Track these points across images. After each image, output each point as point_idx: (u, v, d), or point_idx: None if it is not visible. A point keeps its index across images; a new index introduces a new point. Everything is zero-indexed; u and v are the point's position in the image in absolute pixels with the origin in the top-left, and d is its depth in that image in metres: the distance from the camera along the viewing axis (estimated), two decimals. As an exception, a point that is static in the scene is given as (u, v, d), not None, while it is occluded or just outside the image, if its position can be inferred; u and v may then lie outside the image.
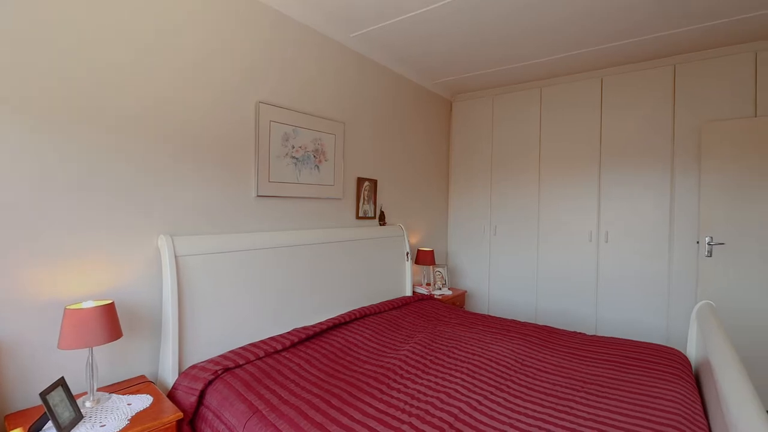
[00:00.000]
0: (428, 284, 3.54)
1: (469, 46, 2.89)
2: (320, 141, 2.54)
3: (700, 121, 2.89)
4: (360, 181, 2.89)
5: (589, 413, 1.36)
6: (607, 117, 3.27)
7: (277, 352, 1.87)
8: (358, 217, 2.87)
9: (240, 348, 1.87)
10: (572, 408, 1.40)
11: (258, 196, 2.18)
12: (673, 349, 1.97)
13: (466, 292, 3.73)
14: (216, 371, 1.64)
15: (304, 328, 2.10)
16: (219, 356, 1.79)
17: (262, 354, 1.81)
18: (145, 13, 1.70)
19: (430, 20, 2.49)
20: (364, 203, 2.92)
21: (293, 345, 1.94)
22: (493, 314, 3.78)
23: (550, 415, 1.35)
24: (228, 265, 1.96)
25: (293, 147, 2.37)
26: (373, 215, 3.01)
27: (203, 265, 1.86)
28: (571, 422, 1.31)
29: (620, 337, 3.07)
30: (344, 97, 2.76)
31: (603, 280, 3.25)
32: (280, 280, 2.19)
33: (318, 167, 2.54)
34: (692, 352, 1.98)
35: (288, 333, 2.04)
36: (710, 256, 2.76)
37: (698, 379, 1.79)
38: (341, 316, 2.31)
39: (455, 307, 2.85)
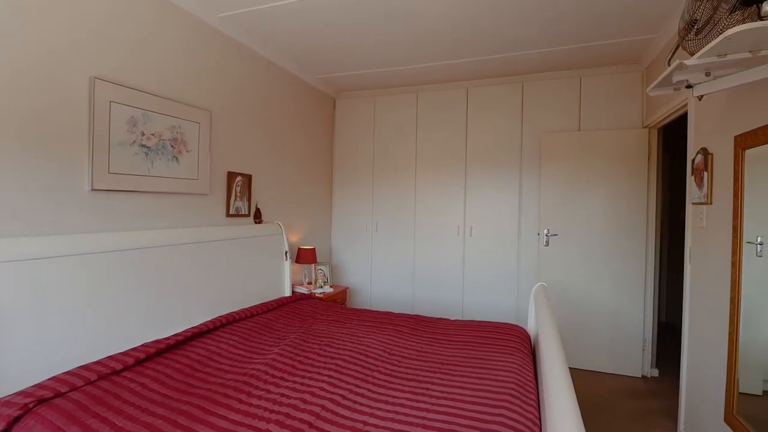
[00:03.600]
0: (309, 283, 3.47)
1: (349, 45, 2.91)
2: (180, 129, 2.27)
3: (540, 131, 3.41)
4: (231, 175, 2.67)
5: (442, 392, 1.47)
6: (471, 124, 3.64)
7: (116, 372, 1.60)
8: (229, 215, 2.65)
9: (65, 373, 1.54)
10: (429, 389, 1.50)
11: (93, 190, 1.83)
12: (517, 325, 2.27)
13: (348, 288, 3.76)
14: (26, 405, 1.32)
15: (156, 341, 1.84)
16: (34, 386, 1.45)
17: (94, 377, 1.52)
18: None
19: (306, 12, 2.42)
20: (236, 200, 2.71)
21: (138, 362, 1.68)
22: (374, 308, 3.88)
23: (409, 399, 1.42)
24: (53, 274, 1.60)
25: (143, 134, 2.06)
26: (247, 213, 2.82)
27: (15, 274, 1.49)
28: (426, 402, 1.40)
29: (481, 318, 3.45)
30: (211, 84, 2.52)
31: (468, 269, 3.61)
32: (127, 288, 1.88)
33: (177, 159, 2.26)
34: (531, 326, 2.31)
35: (133, 349, 1.76)
36: (548, 245, 3.27)
37: (536, 348, 2.10)
38: (205, 323, 2.10)
39: (334, 304, 2.84)
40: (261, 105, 3.00)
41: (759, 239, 1.56)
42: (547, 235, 3.27)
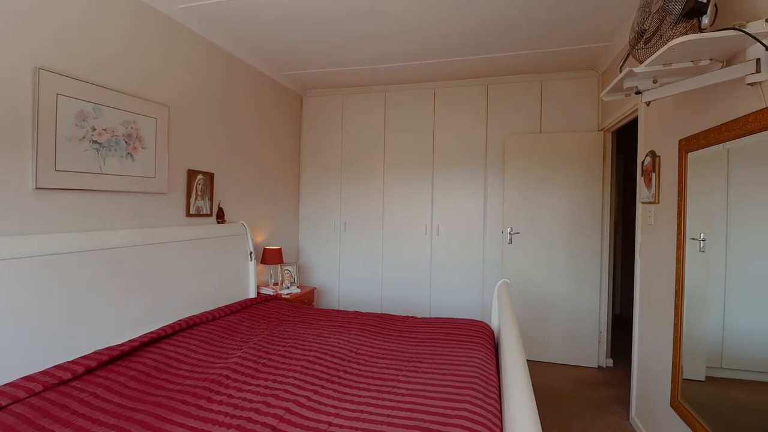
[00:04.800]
0: (276, 284, 3.40)
1: (313, 42, 2.87)
2: (135, 125, 2.16)
3: (504, 133, 3.51)
4: (192, 173, 2.57)
5: (407, 389, 1.48)
6: (438, 124, 3.69)
7: (64, 382, 1.50)
8: (189, 215, 2.55)
9: (6, 385, 1.44)
10: (394, 387, 1.51)
11: (38, 188, 1.71)
12: (481, 321, 2.33)
13: (315, 288, 3.72)
14: (-43, 422, 1.22)
15: (109, 348, 1.75)
16: (-33, 401, 1.33)
17: (39, 388, 1.43)
18: None
19: (267, 6, 2.36)
20: (197, 199, 2.61)
21: (89, 371, 1.59)
22: (343, 308, 3.86)
23: (374, 397, 1.42)
24: (-14, 279, 1.48)
25: (94, 129, 1.95)
26: (209, 212, 2.72)
27: (-61, 280, 1.36)
28: (391, 399, 1.41)
29: (448, 316, 3.50)
30: (170, 78, 2.41)
31: (435, 267, 3.67)
32: (78, 292, 1.77)
33: (132, 156, 2.15)
34: (495, 321, 2.38)
35: (83, 357, 1.66)
36: (511, 243, 3.38)
37: (499, 342, 2.16)
38: (163, 328, 2.01)
39: (301, 305, 2.80)
40: (223, 101, 2.90)
41: (702, 236, 1.68)
42: (510, 234, 3.37)
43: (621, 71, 1.68)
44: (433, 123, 3.70)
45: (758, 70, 1.31)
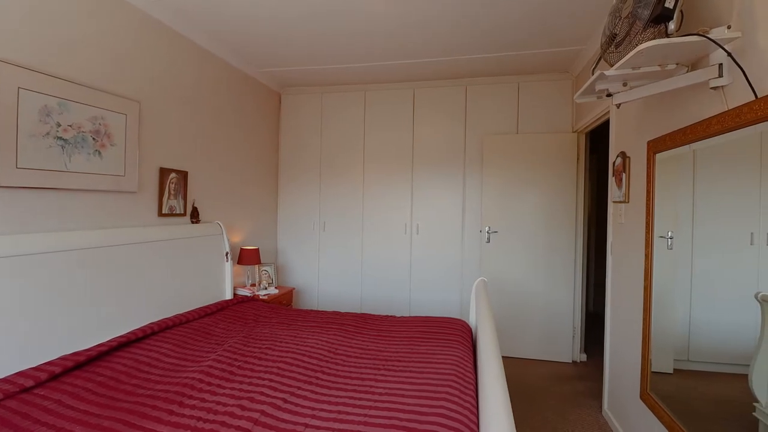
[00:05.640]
0: (253, 285, 3.34)
1: (293, 38, 2.83)
2: (103, 120, 2.08)
3: (482, 133, 3.55)
4: (164, 172, 2.50)
5: (385, 388, 1.48)
6: (418, 124, 3.70)
7: (27, 390, 1.43)
8: (161, 215, 2.47)
9: (-40, 395, 1.36)
10: (372, 386, 1.50)
11: (-4, 186, 1.62)
12: (459, 319, 2.35)
13: (294, 289, 3.68)
14: None
15: (75, 353, 1.68)
16: None
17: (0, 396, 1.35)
18: None
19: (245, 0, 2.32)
20: (169, 198, 2.54)
21: (54, 377, 1.52)
22: (322, 309, 3.83)
23: (351, 397, 1.41)
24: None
25: (59, 125, 1.86)
26: (182, 212, 2.65)
27: None
28: (369, 399, 1.40)
29: (427, 314, 3.52)
30: (142, 73, 2.33)
31: (415, 266, 3.68)
32: (43, 296, 1.68)
33: (100, 153, 2.07)
34: (473, 319, 2.40)
35: (47, 363, 1.59)
36: (489, 242, 3.43)
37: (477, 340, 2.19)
38: (134, 332, 1.94)
39: (279, 306, 2.76)
40: (198, 97, 2.83)
41: (670, 234, 1.74)
42: (488, 232, 3.42)
43: (593, 74, 1.73)
44: (412, 123, 3.71)
45: (720, 75, 1.37)
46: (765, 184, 1.23)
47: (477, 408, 1.36)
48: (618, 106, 1.88)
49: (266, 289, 3.29)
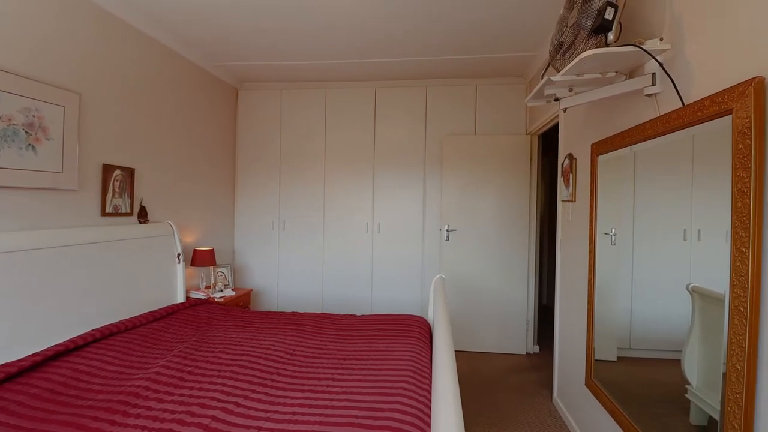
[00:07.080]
0: (208, 287, 3.22)
1: (251, 32, 2.74)
2: (37, 112, 1.92)
3: (442, 134, 3.63)
4: (108, 168, 2.34)
5: (342, 387, 1.48)
6: (379, 123, 3.72)
7: (-57, 407, 1.29)
8: (105, 214, 2.32)
9: None
10: (329, 386, 1.49)
11: None
12: (418, 316, 2.39)
13: (252, 290, 3.58)
14: None
15: (4, 365, 1.54)
16: None
17: None
18: None
19: (196, -9, 2.23)
20: (114, 197, 2.38)
21: (-24, 392, 1.38)
22: (282, 310, 3.76)
23: (308, 398, 1.40)
24: None
25: (-17, 116, 1.70)
26: (128, 211, 2.50)
27: None
28: (325, 399, 1.39)
29: (389, 312, 3.55)
30: (83, 63, 2.17)
31: (377, 265, 3.70)
32: (-42, 303, 1.53)
33: (34, 148, 1.91)
34: (431, 316, 2.45)
35: (-32, 376, 1.44)
36: (448, 240, 3.50)
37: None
38: (73, 339, 1.81)
39: (235, 308, 2.68)
40: (146, 91, 2.68)
41: (613, 230, 1.86)
42: (447, 231, 3.50)
43: (542, 79, 1.81)
44: (374, 122, 3.72)
45: (654, 83, 1.49)
46: (696, 183, 1.34)
47: (431, 400, 1.39)
48: (564, 110, 1.99)
49: (222, 291, 3.17)
